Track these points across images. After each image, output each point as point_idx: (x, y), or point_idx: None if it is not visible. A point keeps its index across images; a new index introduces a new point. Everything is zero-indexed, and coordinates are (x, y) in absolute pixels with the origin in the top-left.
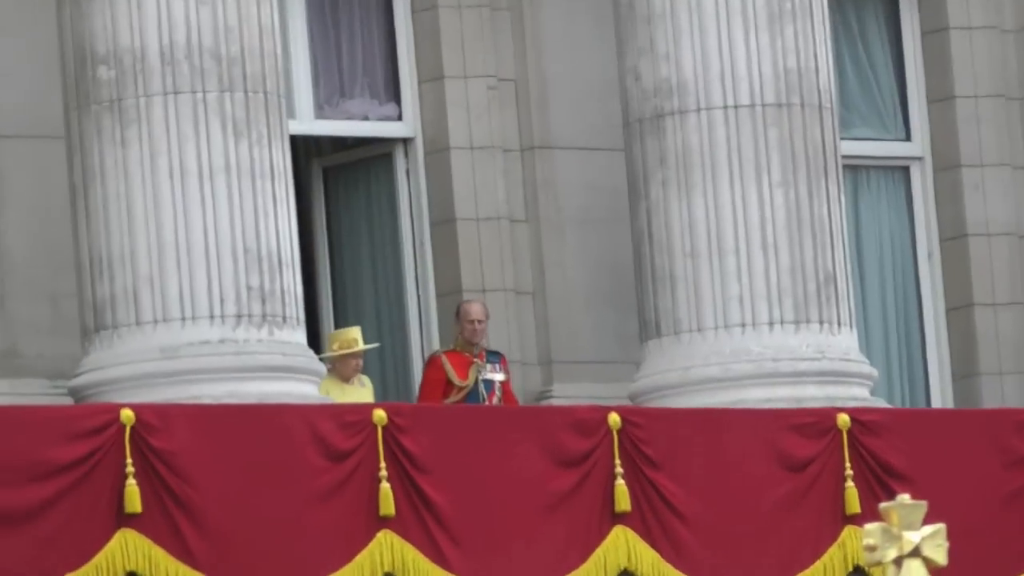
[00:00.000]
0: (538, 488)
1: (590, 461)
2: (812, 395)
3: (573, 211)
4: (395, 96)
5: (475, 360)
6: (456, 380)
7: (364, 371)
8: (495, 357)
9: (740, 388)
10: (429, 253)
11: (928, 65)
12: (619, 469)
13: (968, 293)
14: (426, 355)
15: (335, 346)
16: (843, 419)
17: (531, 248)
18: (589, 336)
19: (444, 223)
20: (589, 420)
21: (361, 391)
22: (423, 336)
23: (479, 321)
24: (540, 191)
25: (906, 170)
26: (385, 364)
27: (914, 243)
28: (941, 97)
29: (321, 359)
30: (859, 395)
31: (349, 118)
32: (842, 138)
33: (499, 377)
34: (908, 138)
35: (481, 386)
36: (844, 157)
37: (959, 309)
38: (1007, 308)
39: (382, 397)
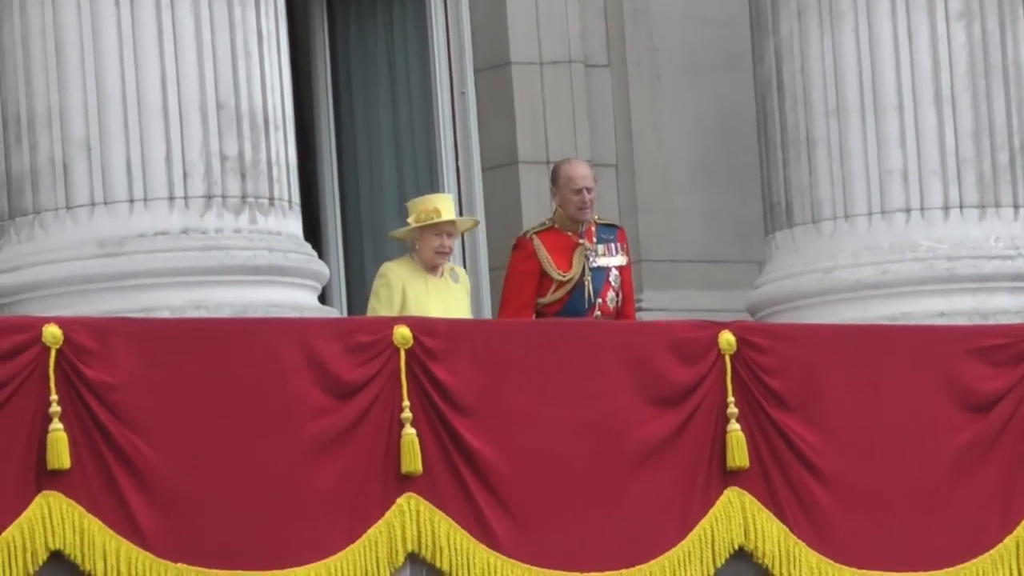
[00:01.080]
0: (622, 435)
1: (694, 398)
2: (1004, 307)
3: (673, 52)
4: None
5: (581, 240)
6: (555, 272)
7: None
8: (609, 232)
9: (903, 297)
10: (473, 110)
11: None
12: (733, 409)
13: None
14: (469, 252)
15: (410, 218)
16: None
17: (615, 104)
18: (693, 225)
19: (494, 68)
20: (692, 341)
21: (452, 288)
22: None
23: (588, 189)
24: (628, 24)
25: None
26: None
27: None
28: None
29: (395, 236)
30: None
31: None
32: None
33: (616, 261)
34: None
35: (589, 278)
36: None
37: None
38: None
39: None
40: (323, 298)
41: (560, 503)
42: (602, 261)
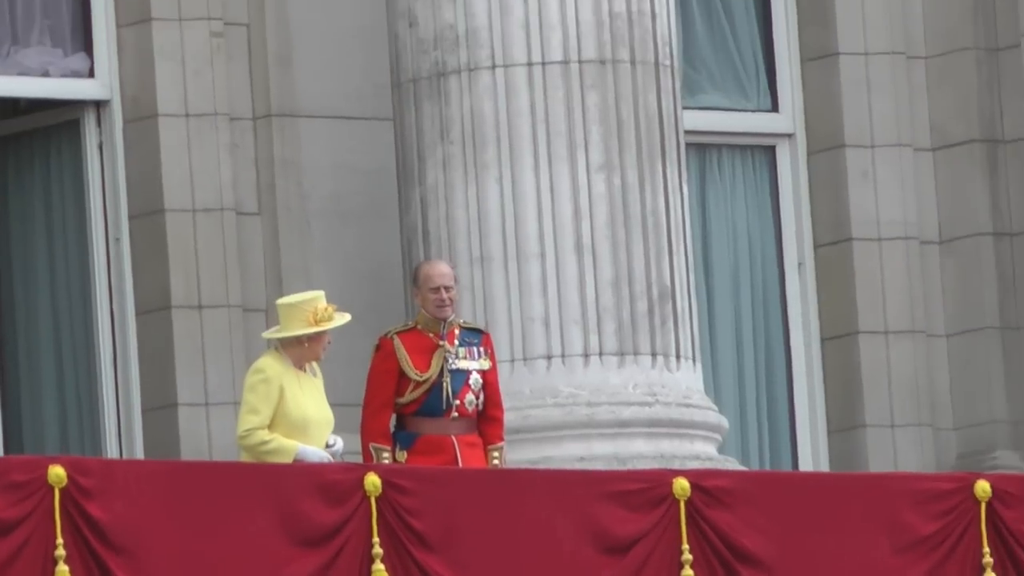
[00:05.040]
0: (269, 574)
1: (340, 538)
2: (641, 452)
3: (322, 201)
4: (85, 44)
5: (441, 342)
6: (412, 372)
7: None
8: (473, 336)
9: (543, 442)
10: (127, 255)
11: (803, 12)
12: (378, 549)
13: (851, 317)
14: (122, 391)
15: (311, 318)
16: (681, 485)
17: (265, 250)
18: (340, 370)
19: (149, 215)
20: (339, 484)
21: (315, 383)
22: (118, 367)
23: (446, 288)
24: (279, 174)
25: (771, 150)
26: (67, 400)
27: (780, 248)
28: (819, 54)
29: (279, 338)
30: (703, 452)
31: (22, 73)
32: (686, 107)
33: (478, 365)
34: (774, 108)
35: (448, 379)
36: (688, 132)
37: (839, 338)
38: (902, 337)
39: (62, 448)
40: None
41: None
42: (462, 364)
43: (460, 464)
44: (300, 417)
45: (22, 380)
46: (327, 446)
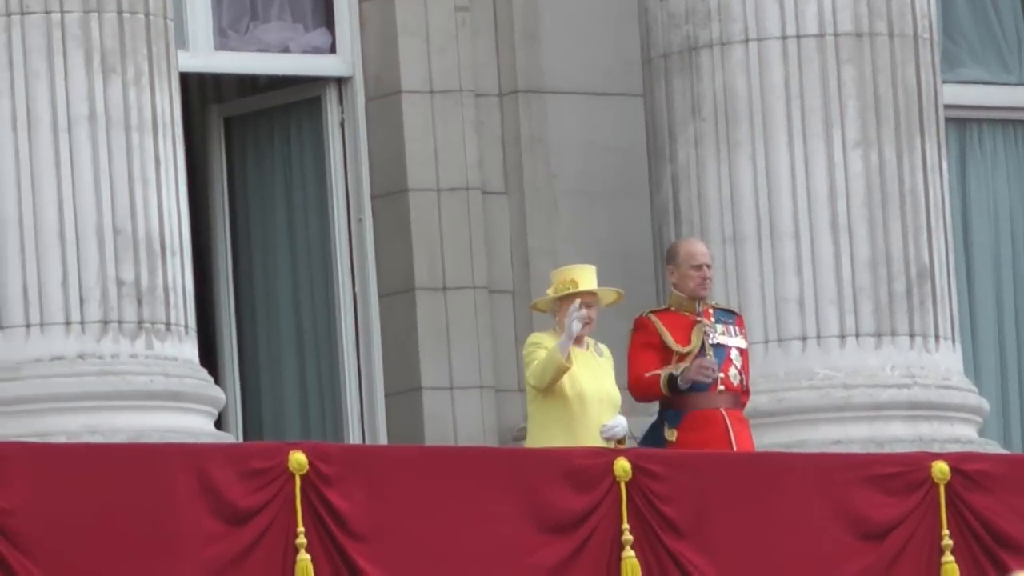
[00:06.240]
0: (516, 562)
1: (588, 525)
2: (898, 435)
3: (571, 179)
4: (326, 20)
5: (698, 319)
6: (674, 344)
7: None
8: (727, 316)
9: (798, 425)
10: (370, 236)
11: None
12: (628, 536)
13: None
14: (365, 374)
15: (550, 289)
16: (941, 469)
17: (512, 230)
18: None
19: (392, 195)
20: (588, 468)
21: (599, 361)
22: (360, 350)
23: (708, 266)
24: (525, 152)
25: None
26: (308, 384)
27: None
28: None
29: (536, 306)
30: (963, 435)
31: (262, 49)
32: (946, 81)
33: (736, 342)
34: None
35: (711, 353)
36: (948, 107)
37: None
38: None
39: (303, 434)
40: (219, 423)
41: None
42: (721, 339)
43: (732, 439)
44: (575, 392)
45: (262, 364)
46: (604, 427)
